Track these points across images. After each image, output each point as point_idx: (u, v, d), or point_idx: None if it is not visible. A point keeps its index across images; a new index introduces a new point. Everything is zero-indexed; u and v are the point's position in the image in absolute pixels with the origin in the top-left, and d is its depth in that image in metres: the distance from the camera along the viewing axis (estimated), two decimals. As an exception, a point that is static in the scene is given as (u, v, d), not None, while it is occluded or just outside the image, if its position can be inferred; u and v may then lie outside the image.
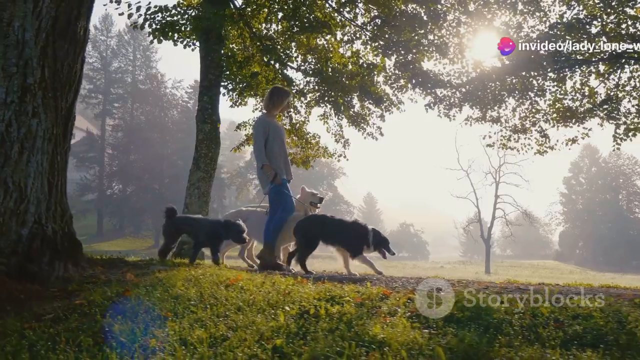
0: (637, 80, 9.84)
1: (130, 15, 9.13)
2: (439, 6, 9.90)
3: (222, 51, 10.01)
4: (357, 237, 5.53)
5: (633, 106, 10.06)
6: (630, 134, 9.97)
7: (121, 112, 61.31)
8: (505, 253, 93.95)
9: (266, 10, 10.49)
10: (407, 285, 4.53)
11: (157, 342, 2.59)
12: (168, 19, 9.40)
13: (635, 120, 9.89)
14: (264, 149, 5.99)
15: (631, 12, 9.76)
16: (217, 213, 62.36)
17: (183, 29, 9.56)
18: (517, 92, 10.01)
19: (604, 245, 68.18)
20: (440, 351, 2.70)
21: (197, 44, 9.92)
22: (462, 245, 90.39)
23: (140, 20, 9.24)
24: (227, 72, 10.37)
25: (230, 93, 11.05)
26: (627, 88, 9.88)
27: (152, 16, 9.26)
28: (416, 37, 9.48)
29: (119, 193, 58.99)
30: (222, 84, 10.51)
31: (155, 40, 9.43)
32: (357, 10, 10.74)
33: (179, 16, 9.52)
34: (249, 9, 10.73)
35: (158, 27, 9.32)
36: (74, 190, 54.38)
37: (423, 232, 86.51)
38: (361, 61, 10.36)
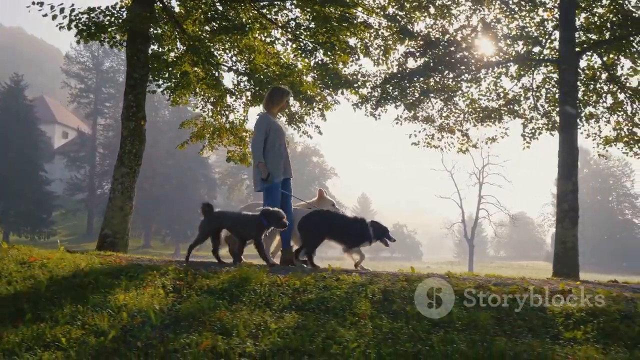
0: (539, 81, 10.21)
1: (54, 17, 9.50)
2: (357, 10, 10.27)
3: (150, 51, 10.38)
4: (358, 233, 5.65)
5: (546, 106, 10.40)
6: (536, 133, 10.34)
7: (112, 111, 61.67)
8: (498, 254, 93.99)
9: (196, 11, 10.87)
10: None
11: None
12: (94, 19, 9.76)
13: (540, 121, 10.26)
14: (262, 146, 6.05)
15: (544, 14, 10.11)
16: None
17: (109, 29, 9.92)
18: (433, 93, 10.36)
19: (594, 246, 68.26)
20: (151, 311, 3.08)
21: (125, 43, 10.28)
22: (456, 246, 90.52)
23: (66, 22, 9.59)
24: (159, 72, 10.72)
25: (167, 92, 11.41)
26: (530, 88, 10.24)
27: (77, 17, 9.62)
28: (331, 40, 9.83)
29: (109, 193, 59.28)
30: (157, 83, 10.92)
31: (82, 40, 9.81)
32: (288, 13, 11.10)
33: (106, 17, 9.87)
34: (182, 11, 11.13)
35: (84, 28, 9.68)
36: (65, 190, 54.87)
37: (416, 233, 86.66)
38: (282, 61, 10.72)
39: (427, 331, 3.02)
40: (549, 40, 10.00)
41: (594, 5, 9.91)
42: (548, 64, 10.05)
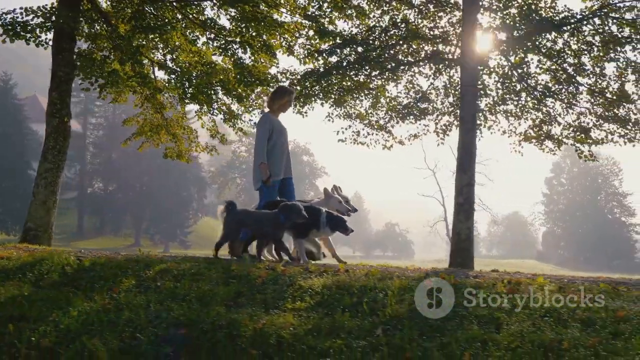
0: (447, 79, 10.51)
1: (-22, 17, 9.80)
2: (281, 9, 10.58)
3: (76, 50, 10.69)
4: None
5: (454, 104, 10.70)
6: (447, 130, 10.64)
7: (103, 110, 62.13)
8: (490, 253, 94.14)
9: (124, 10, 11.18)
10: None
11: None
12: (18, 19, 10.06)
13: (445, 117, 10.57)
14: (265, 146, 6.06)
15: (459, 14, 10.37)
16: (196, 212, 63.28)
17: (35, 29, 10.21)
18: (352, 90, 10.63)
19: (584, 245, 68.48)
20: None
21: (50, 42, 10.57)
22: (448, 244, 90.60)
23: (-10, 21, 9.90)
24: (89, 70, 11.01)
25: (98, 89, 11.69)
26: (446, 86, 10.56)
27: (1, 17, 9.93)
28: (245, 38, 10.14)
29: (100, 191, 59.92)
30: (90, 80, 11.23)
31: (8, 40, 10.13)
32: (214, 13, 11.39)
33: (30, 16, 10.17)
34: (110, 9, 11.45)
35: (9, 27, 9.98)
36: (55, 188, 55.27)
37: (408, 232, 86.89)
38: (204, 60, 11.02)
39: (157, 302, 3.31)
40: (460, 40, 10.25)
41: (509, 4, 10.15)
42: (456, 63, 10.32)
